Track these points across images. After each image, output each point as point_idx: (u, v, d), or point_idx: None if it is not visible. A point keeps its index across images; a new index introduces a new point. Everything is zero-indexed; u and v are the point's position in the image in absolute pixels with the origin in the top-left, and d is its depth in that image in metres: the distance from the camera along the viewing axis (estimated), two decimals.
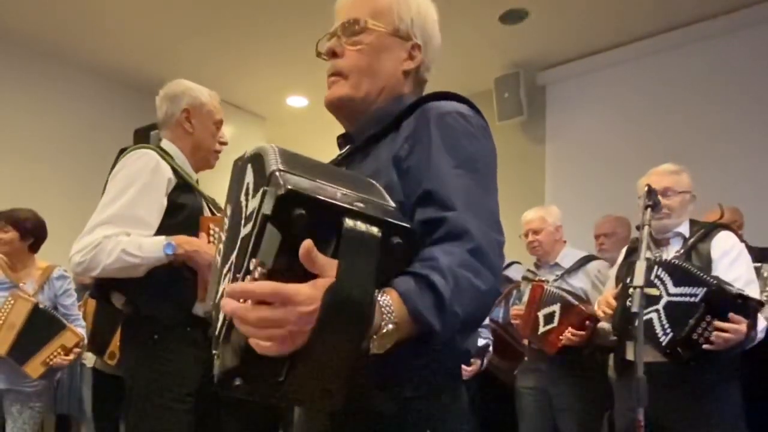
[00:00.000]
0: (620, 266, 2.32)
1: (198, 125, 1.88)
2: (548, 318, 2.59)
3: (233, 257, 0.76)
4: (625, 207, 2.87)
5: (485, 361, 2.86)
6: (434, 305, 0.69)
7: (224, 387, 0.70)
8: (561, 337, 2.52)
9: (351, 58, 0.99)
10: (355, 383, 0.67)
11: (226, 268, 0.80)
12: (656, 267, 2.02)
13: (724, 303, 1.85)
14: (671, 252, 2.16)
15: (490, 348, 2.89)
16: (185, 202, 1.77)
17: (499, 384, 3.03)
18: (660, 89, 4.04)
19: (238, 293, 0.64)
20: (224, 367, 0.71)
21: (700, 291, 1.89)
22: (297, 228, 0.62)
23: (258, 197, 0.67)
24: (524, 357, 2.86)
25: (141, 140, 3.73)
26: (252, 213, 0.69)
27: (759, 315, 1.93)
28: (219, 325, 0.74)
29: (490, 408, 2.99)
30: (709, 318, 1.86)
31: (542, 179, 4.53)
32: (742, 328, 1.83)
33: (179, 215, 1.74)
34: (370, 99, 1.00)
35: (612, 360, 2.37)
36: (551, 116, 4.59)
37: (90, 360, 3.16)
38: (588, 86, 4.39)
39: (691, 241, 2.13)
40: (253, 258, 0.65)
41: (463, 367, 2.64)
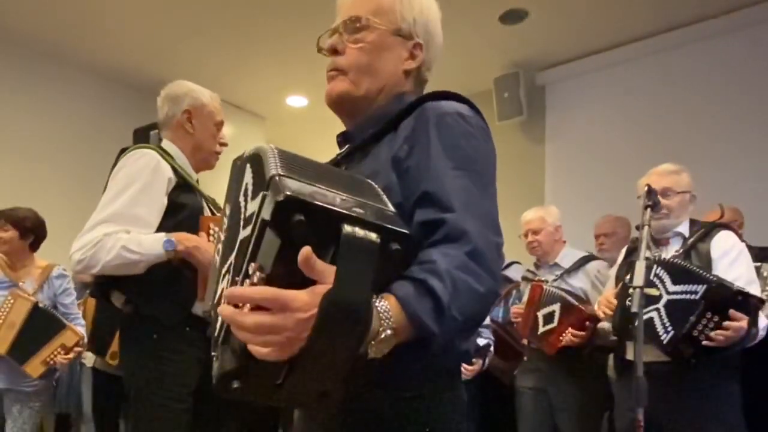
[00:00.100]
0: (620, 266, 2.32)
1: (199, 126, 1.89)
2: (548, 318, 2.59)
3: (232, 258, 0.76)
4: (625, 207, 2.87)
5: (486, 361, 2.86)
6: (433, 309, 0.70)
7: (222, 389, 0.70)
8: (561, 338, 2.52)
9: (352, 56, 0.99)
10: (355, 383, 0.67)
11: (225, 269, 0.79)
12: (655, 266, 2.02)
13: (725, 300, 1.85)
14: (671, 252, 2.16)
15: (492, 348, 2.89)
16: (185, 202, 1.77)
17: (499, 384, 3.03)
18: (660, 89, 4.03)
19: (236, 298, 0.64)
20: (222, 369, 0.71)
21: (700, 288, 1.89)
22: (296, 234, 0.62)
23: (257, 201, 0.67)
24: (524, 357, 2.86)
25: (141, 140, 3.73)
26: (251, 216, 0.69)
27: (760, 313, 1.93)
28: (218, 327, 0.74)
29: (490, 408, 2.99)
30: (710, 315, 1.86)
31: (542, 179, 4.53)
32: (743, 325, 1.83)
33: (179, 215, 1.74)
34: (370, 97, 0.99)
35: (611, 360, 2.37)
36: (551, 116, 4.59)
37: (89, 359, 3.16)
38: (588, 86, 4.38)
39: (691, 241, 2.13)
40: (252, 262, 0.65)
41: (465, 367, 2.67)
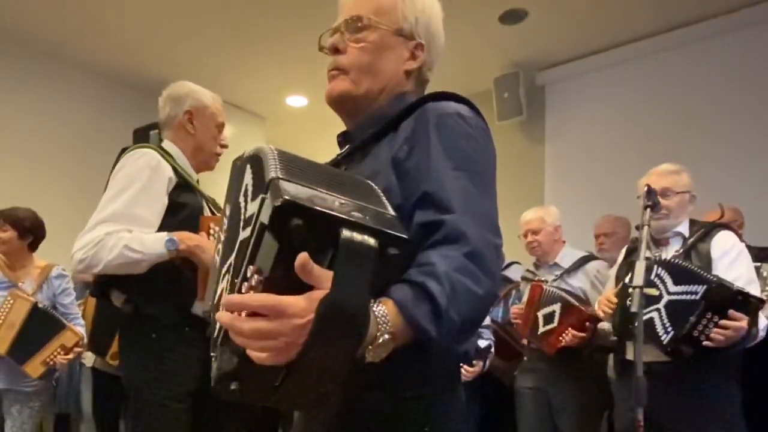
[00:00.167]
0: (620, 266, 2.32)
1: (200, 127, 1.89)
2: (548, 318, 2.59)
3: (232, 259, 0.76)
4: (625, 207, 2.87)
5: (487, 363, 2.86)
6: (431, 313, 0.69)
7: (221, 390, 0.70)
8: (561, 338, 2.52)
9: (353, 55, 0.98)
10: (354, 385, 0.67)
11: (225, 269, 0.80)
12: (656, 266, 2.02)
13: (725, 300, 1.85)
14: (671, 252, 2.16)
15: (492, 349, 2.89)
16: (186, 201, 1.77)
17: (499, 384, 3.03)
18: (660, 89, 4.03)
19: (234, 306, 0.65)
20: (221, 371, 0.71)
21: (701, 289, 1.89)
22: (294, 238, 0.62)
23: (257, 203, 0.67)
24: (523, 357, 2.86)
25: (141, 140, 3.73)
26: (250, 218, 0.69)
27: (760, 313, 1.93)
28: (217, 328, 0.74)
29: (490, 408, 2.99)
30: (710, 315, 1.86)
31: (542, 179, 4.53)
32: (743, 325, 1.83)
33: (180, 214, 1.74)
34: (371, 97, 0.99)
35: (611, 360, 2.37)
36: (551, 116, 4.59)
37: (89, 359, 3.16)
38: (587, 86, 4.38)
39: (691, 241, 2.13)
40: (251, 265, 0.65)
41: (466, 368, 2.66)
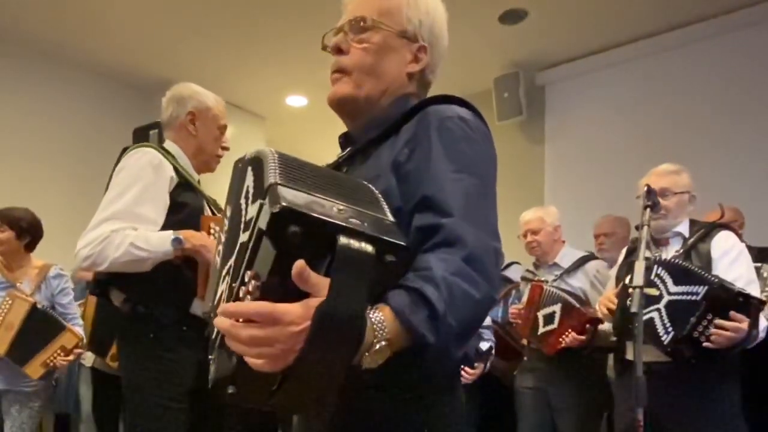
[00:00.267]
0: (620, 266, 2.32)
1: (202, 128, 1.90)
2: (548, 319, 2.59)
3: (232, 261, 0.76)
4: (625, 207, 2.87)
5: (488, 365, 2.85)
6: (428, 318, 0.69)
7: (218, 393, 0.70)
8: (561, 339, 2.52)
9: (356, 56, 0.98)
10: (352, 388, 0.67)
11: (225, 270, 0.80)
12: (656, 266, 2.02)
13: (726, 301, 1.85)
14: (671, 252, 2.16)
15: (493, 351, 2.89)
16: (186, 201, 1.78)
17: (499, 384, 3.03)
18: (660, 89, 4.03)
19: (230, 314, 0.65)
20: (218, 374, 0.72)
21: (701, 289, 1.89)
22: (292, 245, 0.62)
23: (256, 207, 0.67)
24: (523, 357, 2.86)
25: (141, 140, 3.74)
26: (250, 221, 0.69)
27: (760, 314, 1.93)
28: (215, 330, 0.74)
29: (490, 408, 2.99)
30: (711, 316, 1.86)
31: (541, 179, 4.53)
32: (744, 327, 1.83)
33: (180, 213, 1.75)
34: (373, 99, 0.99)
35: (611, 360, 2.37)
36: (550, 116, 4.59)
37: (89, 359, 3.16)
38: (587, 86, 4.38)
39: (691, 241, 2.12)
40: (249, 270, 0.66)
41: (466, 371, 2.65)
